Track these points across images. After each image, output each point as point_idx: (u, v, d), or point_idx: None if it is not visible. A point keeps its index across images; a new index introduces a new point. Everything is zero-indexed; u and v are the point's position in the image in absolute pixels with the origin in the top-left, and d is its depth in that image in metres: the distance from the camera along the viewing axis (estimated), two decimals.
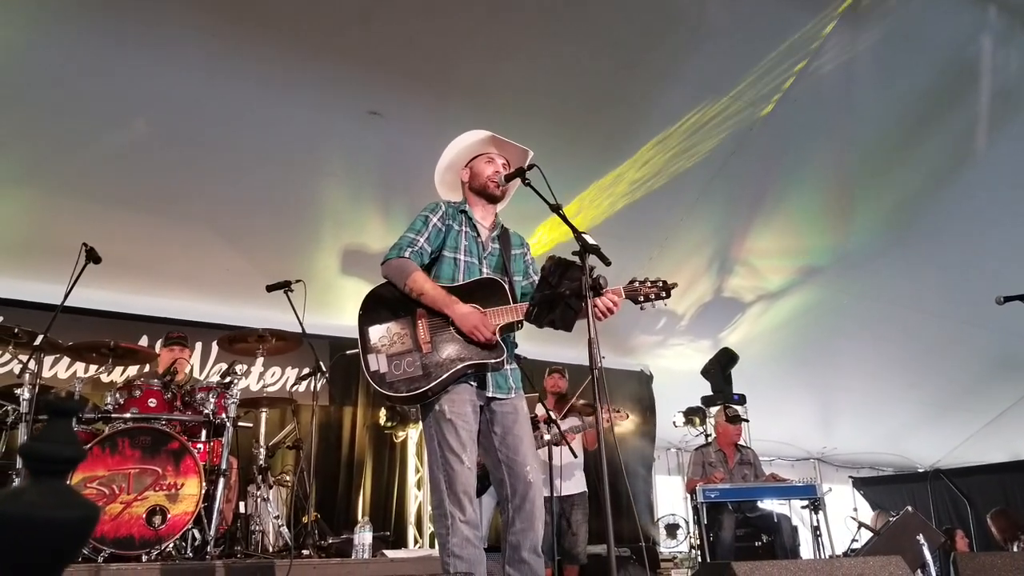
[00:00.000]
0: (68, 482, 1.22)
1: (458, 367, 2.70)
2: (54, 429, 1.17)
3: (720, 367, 8.64)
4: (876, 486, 12.38)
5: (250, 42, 4.85)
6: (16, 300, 6.06)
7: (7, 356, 5.79)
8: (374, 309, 2.83)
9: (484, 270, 2.97)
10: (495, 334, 2.75)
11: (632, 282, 2.92)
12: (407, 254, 2.84)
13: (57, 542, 1.09)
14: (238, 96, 5.23)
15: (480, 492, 5.27)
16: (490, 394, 2.81)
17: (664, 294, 2.90)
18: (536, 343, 7.23)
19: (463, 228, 2.99)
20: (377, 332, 2.77)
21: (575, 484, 5.85)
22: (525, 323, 2.85)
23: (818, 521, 5.99)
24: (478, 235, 3.02)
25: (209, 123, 5.38)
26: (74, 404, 1.24)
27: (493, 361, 2.75)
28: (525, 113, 5.65)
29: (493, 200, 3.09)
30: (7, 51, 4.61)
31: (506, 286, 2.88)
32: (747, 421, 7.09)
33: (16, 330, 4.52)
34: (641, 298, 2.90)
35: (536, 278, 3.09)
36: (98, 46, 4.69)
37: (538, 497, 2.75)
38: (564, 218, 2.67)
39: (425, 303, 2.77)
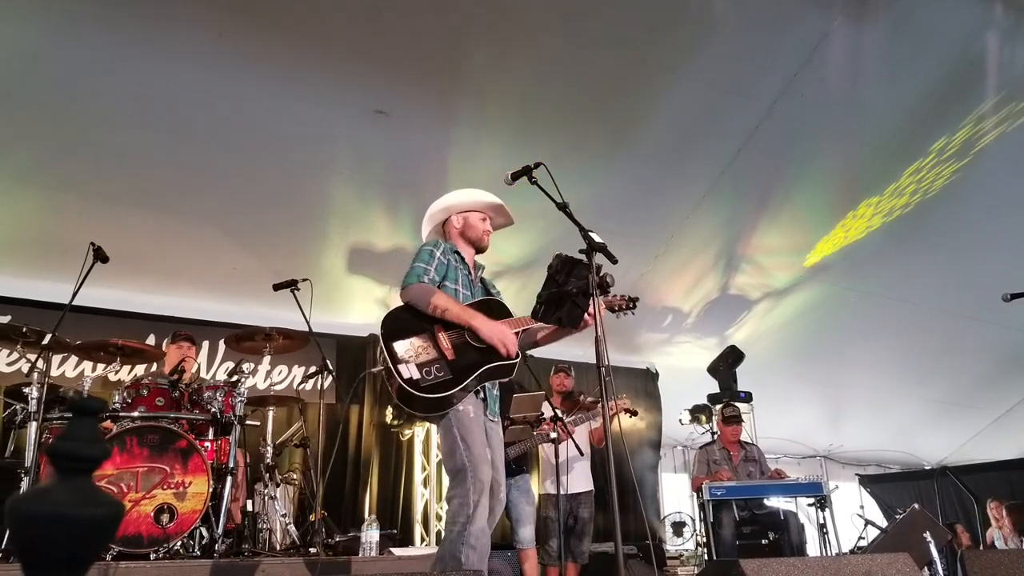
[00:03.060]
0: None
1: (483, 369, 2.95)
2: (79, 428, 1.18)
3: (727, 365, 8.65)
4: (883, 483, 12.35)
5: (257, 40, 4.86)
6: (24, 299, 6.08)
7: (15, 355, 5.81)
8: (395, 328, 3.03)
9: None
10: (515, 349, 3.02)
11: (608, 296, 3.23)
12: (425, 280, 3.10)
13: (84, 539, 1.11)
14: (245, 94, 5.24)
15: None
16: (487, 414, 3.10)
17: (632, 305, 3.32)
18: None
19: (459, 265, 3.30)
20: (402, 346, 2.97)
21: (583, 483, 5.85)
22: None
23: (824, 518, 5.98)
24: (469, 273, 3.34)
25: (216, 121, 5.39)
26: (98, 403, 1.25)
27: (511, 363, 3.01)
28: (532, 111, 5.66)
29: (481, 251, 3.44)
30: (16, 50, 4.64)
31: (507, 307, 3.23)
32: (743, 422, 7.09)
33: (24, 329, 4.54)
34: (616, 308, 3.30)
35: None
36: (106, 45, 4.70)
37: (499, 513, 3.06)
38: (571, 216, 2.68)
39: (449, 319, 3.01)
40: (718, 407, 8.16)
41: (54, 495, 1.12)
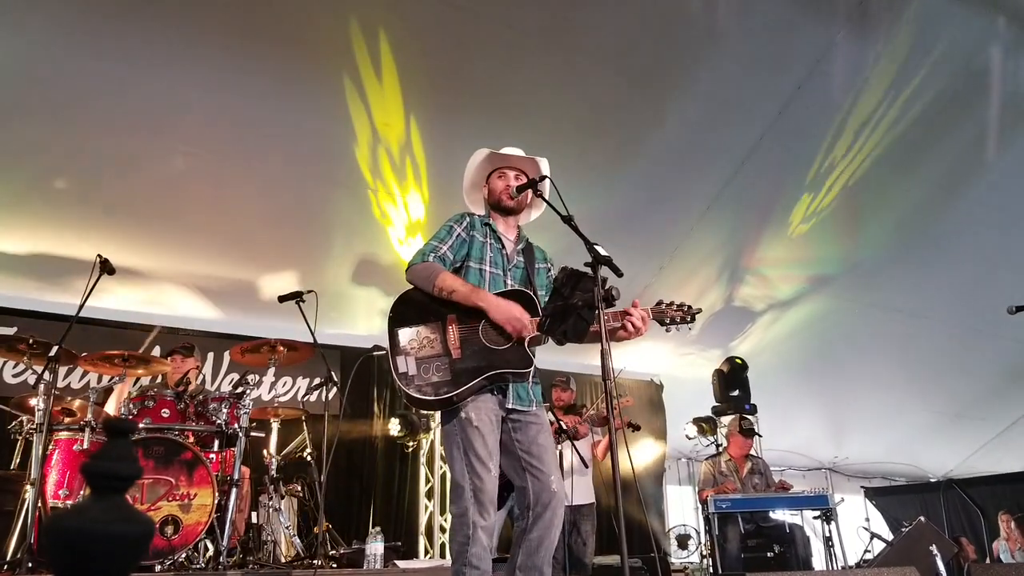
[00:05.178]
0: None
1: (487, 374, 2.70)
2: (114, 448, 1.23)
3: (721, 377, 8.64)
4: (888, 496, 12.31)
5: (264, 52, 4.89)
6: (30, 311, 6.10)
7: (21, 366, 5.82)
8: (404, 312, 2.82)
9: (508, 282, 2.99)
10: (529, 328, 2.74)
11: (659, 304, 2.95)
12: (431, 259, 2.87)
13: (118, 555, 1.15)
14: (251, 106, 5.27)
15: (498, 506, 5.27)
16: (510, 405, 2.82)
17: (689, 319, 2.93)
18: (546, 352, 7.22)
19: (488, 240, 3.03)
20: (407, 335, 2.77)
21: (584, 494, 5.84)
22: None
23: (830, 531, 5.96)
24: (503, 247, 3.05)
25: (222, 134, 5.42)
26: (131, 424, 1.30)
27: (522, 371, 2.76)
28: (538, 123, 5.68)
29: (508, 213, 3.13)
30: (23, 62, 4.67)
31: (535, 299, 2.89)
32: (760, 436, 7.07)
33: (31, 340, 4.56)
34: (667, 320, 2.93)
35: None
36: (112, 57, 4.73)
37: (559, 507, 2.75)
38: (576, 229, 2.68)
39: (456, 300, 2.77)
40: (726, 419, 8.16)
41: (89, 512, 1.17)
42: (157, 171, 5.60)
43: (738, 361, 8.56)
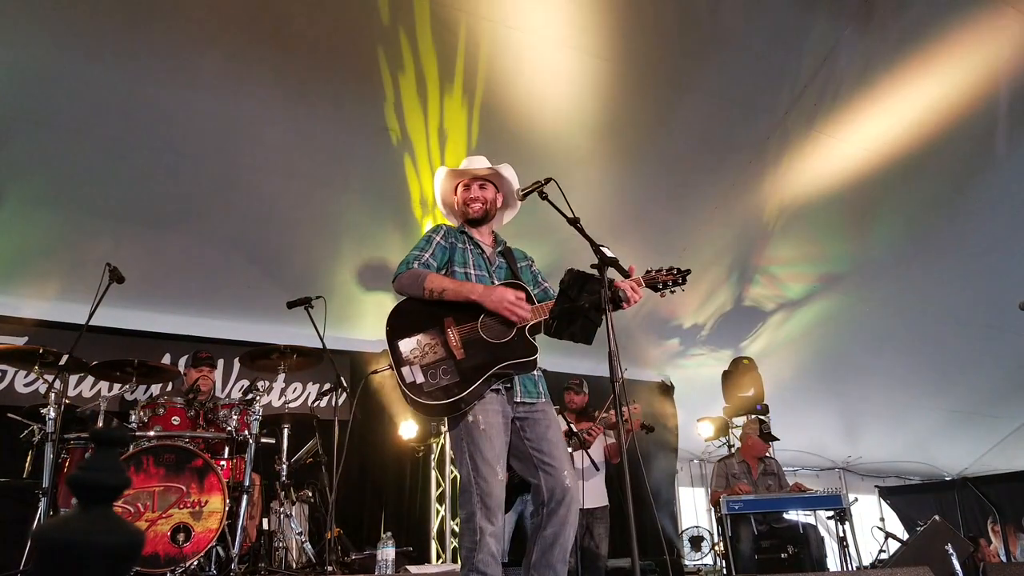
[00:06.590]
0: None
1: (494, 369, 2.72)
2: (101, 458, 1.22)
3: (731, 377, 8.61)
4: (903, 495, 12.23)
5: (272, 61, 4.91)
6: (41, 320, 6.13)
7: (33, 376, 5.85)
8: (401, 323, 2.84)
9: (495, 281, 3.02)
10: (528, 310, 2.78)
11: (648, 272, 2.94)
12: (415, 266, 2.93)
13: (106, 567, 1.14)
14: (258, 115, 5.28)
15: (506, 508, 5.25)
16: (518, 399, 2.83)
17: (681, 280, 2.93)
18: (556, 355, 7.23)
19: (467, 246, 3.09)
20: (408, 345, 2.78)
21: (597, 498, 5.82)
22: (543, 336, 2.87)
23: (844, 532, 5.92)
24: (483, 252, 3.11)
25: (230, 142, 5.44)
26: (120, 434, 1.29)
27: (528, 360, 2.77)
28: (540, 128, 5.67)
29: (475, 222, 3.19)
30: (33, 74, 4.70)
31: (526, 289, 2.92)
32: (777, 439, 7.03)
33: (41, 350, 4.58)
34: (660, 285, 2.92)
35: (546, 285, 3.19)
36: (122, 68, 4.76)
37: (574, 503, 2.75)
38: (582, 231, 2.68)
39: (448, 298, 2.80)
40: (740, 420, 8.12)
41: (76, 523, 1.15)
42: (165, 179, 5.62)
43: (745, 362, 8.53)
